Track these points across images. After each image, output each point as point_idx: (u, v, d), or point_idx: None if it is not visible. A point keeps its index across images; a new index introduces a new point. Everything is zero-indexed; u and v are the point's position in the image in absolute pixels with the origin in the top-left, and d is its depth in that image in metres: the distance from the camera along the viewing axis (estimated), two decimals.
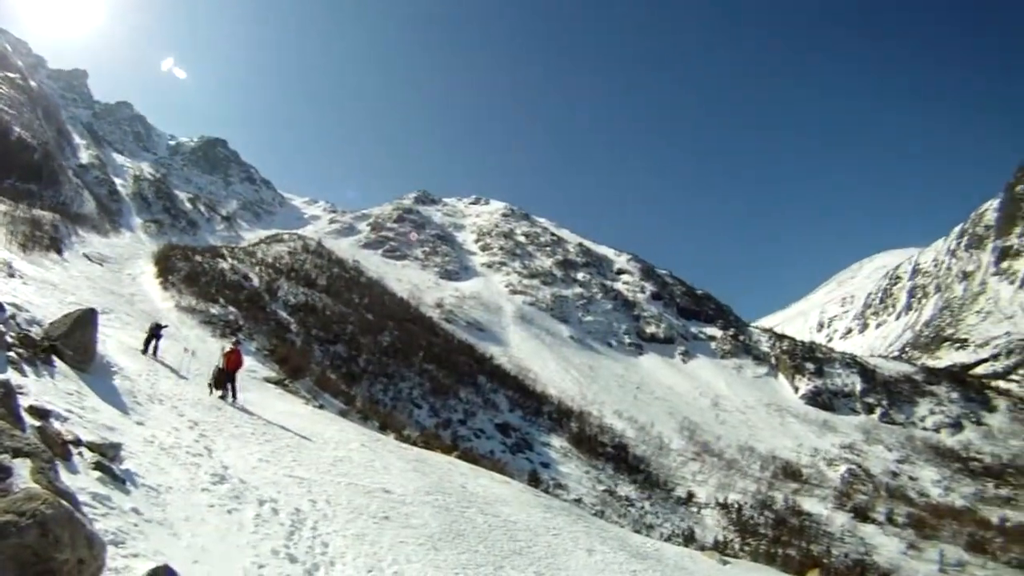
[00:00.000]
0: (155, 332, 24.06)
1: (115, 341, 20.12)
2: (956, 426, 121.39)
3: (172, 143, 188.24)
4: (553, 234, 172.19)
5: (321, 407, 27.93)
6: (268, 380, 30.05)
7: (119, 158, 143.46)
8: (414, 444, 26.09)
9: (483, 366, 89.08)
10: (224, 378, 20.13)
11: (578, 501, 55.81)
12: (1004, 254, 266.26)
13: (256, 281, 76.08)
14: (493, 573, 10.01)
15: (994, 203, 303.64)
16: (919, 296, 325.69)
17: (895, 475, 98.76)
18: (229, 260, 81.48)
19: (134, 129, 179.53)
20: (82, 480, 7.05)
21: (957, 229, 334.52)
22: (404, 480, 14.19)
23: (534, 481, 48.73)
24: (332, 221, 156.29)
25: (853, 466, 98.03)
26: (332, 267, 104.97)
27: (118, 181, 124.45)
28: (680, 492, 76.23)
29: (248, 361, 28.24)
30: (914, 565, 66.50)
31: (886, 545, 71.75)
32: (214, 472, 10.19)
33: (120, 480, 7.84)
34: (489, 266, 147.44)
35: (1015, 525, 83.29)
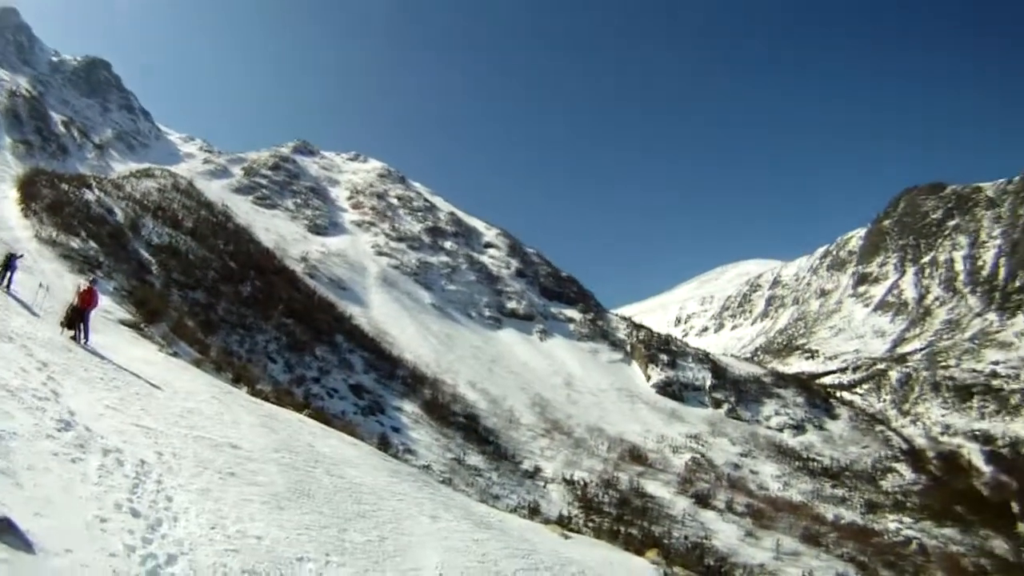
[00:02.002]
0: (9, 263, 23.08)
1: None
2: (799, 428, 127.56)
3: (55, 59, 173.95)
4: (427, 200, 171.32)
5: (175, 355, 27.12)
6: (123, 323, 28.95)
7: None
8: (266, 399, 25.68)
9: (342, 325, 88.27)
10: (77, 317, 19.32)
11: (427, 468, 56.18)
12: (863, 279, 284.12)
13: (121, 217, 72.96)
14: (337, 535, 10.03)
15: (860, 232, 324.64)
16: (776, 306, 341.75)
17: (737, 467, 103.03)
18: (96, 191, 77.79)
19: (17, 39, 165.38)
20: None
21: (822, 250, 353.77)
22: (253, 436, 14.02)
23: (384, 445, 48.77)
24: (206, 161, 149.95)
25: (697, 455, 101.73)
26: (200, 209, 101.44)
27: None
28: (528, 466, 77.61)
29: (104, 301, 27.23)
30: (751, 552, 69.71)
31: (725, 531, 74.94)
32: (60, 418, 9.92)
33: None
34: (359, 225, 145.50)
35: (848, 523, 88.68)
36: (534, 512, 56.76)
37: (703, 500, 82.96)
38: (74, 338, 18.62)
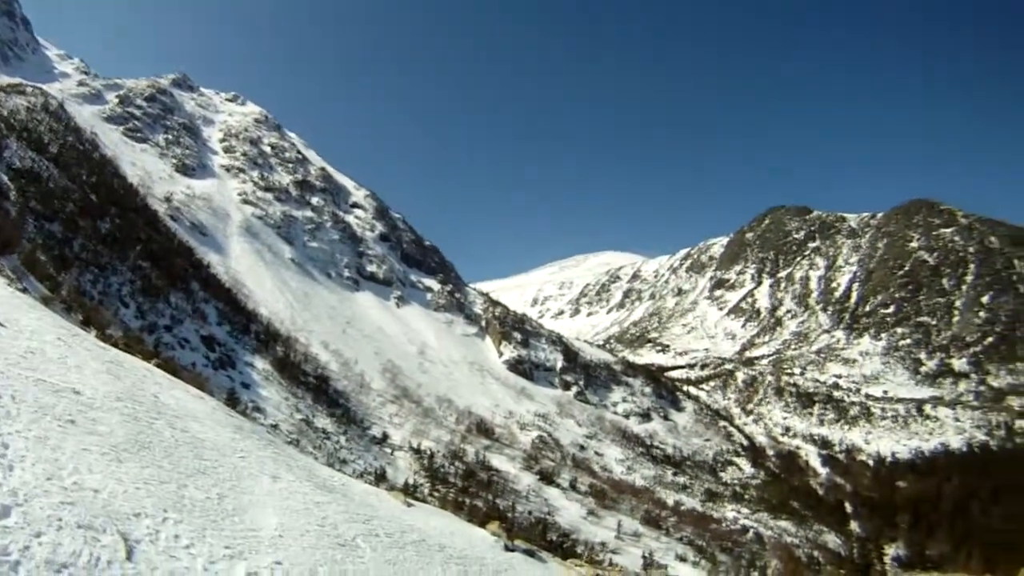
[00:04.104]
0: None
1: None
2: (645, 416, 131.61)
3: None
4: (300, 152, 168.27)
5: (24, 290, 25.92)
6: None
7: None
8: (115, 345, 24.85)
9: (199, 272, 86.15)
10: None
11: (275, 427, 55.57)
12: (720, 284, 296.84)
13: None
14: (176, 491, 9.88)
15: (723, 240, 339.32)
16: (634, 298, 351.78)
17: (583, 448, 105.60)
18: None
19: None
20: None
21: (683, 252, 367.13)
22: (96, 382, 13.56)
23: (232, 401, 48.01)
24: (81, 84, 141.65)
25: (544, 434, 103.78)
26: (68, 135, 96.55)
27: None
28: (376, 432, 77.70)
29: None
30: (593, 530, 71.59)
31: (568, 509, 76.79)
32: None
33: None
34: (228, 169, 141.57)
35: (688, 509, 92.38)
36: (380, 479, 56.90)
37: (548, 478, 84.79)
38: None
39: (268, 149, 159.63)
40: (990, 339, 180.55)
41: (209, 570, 7.91)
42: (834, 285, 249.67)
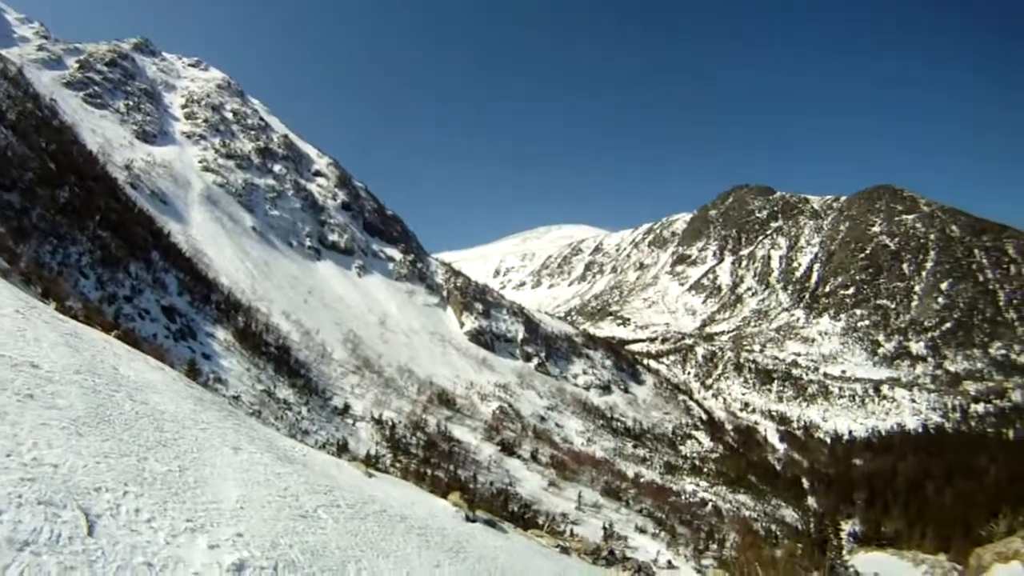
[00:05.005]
0: None
1: None
2: (606, 389, 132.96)
3: None
4: (262, 119, 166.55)
5: None
6: None
7: None
8: (75, 317, 24.57)
9: (159, 241, 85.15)
10: None
11: (236, 398, 55.30)
12: (681, 260, 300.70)
13: None
14: (136, 464, 9.82)
15: (686, 216, 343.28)
16: (595, 271, 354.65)
17: (543, 419, 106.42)
18: None
19: None
20: None
21: (646, 227, 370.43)
22: (55, 355, 13.41)
23: (193, 372, 47.61)
24: (41, 48, 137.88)
25: (505, 404, 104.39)
26: (27, 102, 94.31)
27: None
28: (338, 402, 77.62)
29: None
30: (554, 501, 72.32)
31: (529, 479, 77.51)
32: None
33: None
34: (189, 136, 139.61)
35: (648, 481, 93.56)
36: (343, 450, 56.99)
37: (509, 448, 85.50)
38: None
39: (230, 115, 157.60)
40: (948, 324, 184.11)
41: (171, 543, 7.91)
42: (795, 265, 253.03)
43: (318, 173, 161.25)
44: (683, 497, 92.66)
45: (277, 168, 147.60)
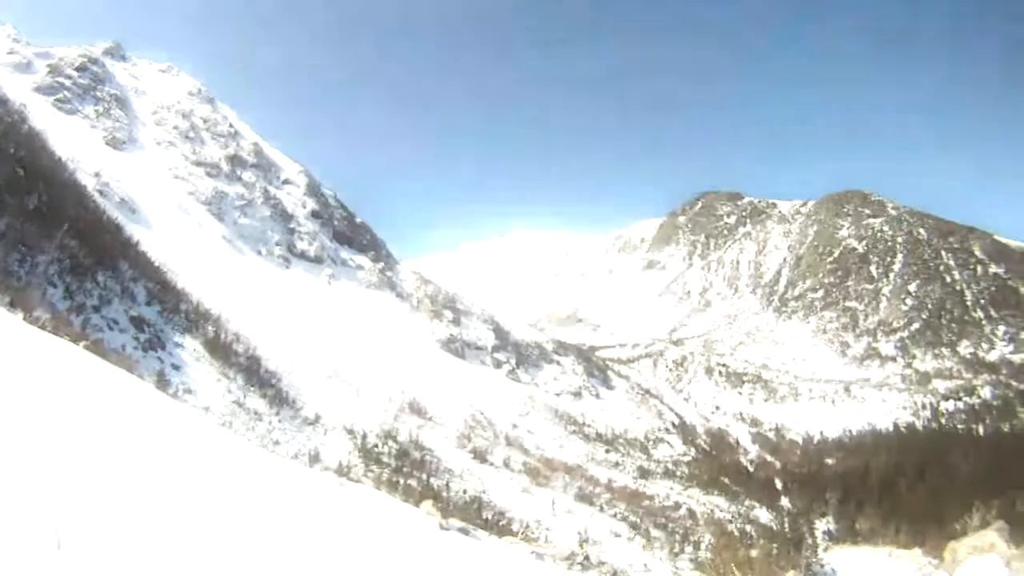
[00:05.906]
0: None
1: None
2: (577, 395, 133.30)
3: None
4: (232, 125, 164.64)
5: None
6: None
7: None
8: (42, 328, 24.34)
9: (127, 251, 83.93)
10: None
11: (206, 410, 54.83)
12: (651, 265, 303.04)
13: None
14: None
15: (656, 222, 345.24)
16: (565, 277, 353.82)
17: (515, 426, 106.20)
18: None
19: None
20: None
21: (616, 232, 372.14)
22: None
23: (162, 383, 47.11)
24: (11, 52, 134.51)
25: (477, 412, 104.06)
26: None
27: None
28: (309, 412, 76.86)
29: None
30: (528, 507, 71.76)
31: (502, 487, 77.05)
32: None
33: None
34: (159, 143, 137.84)
35: (621, 486, 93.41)
36: (315, 460, 56.53)
37: (481, 456, 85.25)
38: None
39: (200, 122, 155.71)
40: (916, 325, 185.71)
41: None
42: (764, 269, 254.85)
43: (287, 181, 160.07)
44: (657, 501, 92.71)
45: (247, 176, 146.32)
